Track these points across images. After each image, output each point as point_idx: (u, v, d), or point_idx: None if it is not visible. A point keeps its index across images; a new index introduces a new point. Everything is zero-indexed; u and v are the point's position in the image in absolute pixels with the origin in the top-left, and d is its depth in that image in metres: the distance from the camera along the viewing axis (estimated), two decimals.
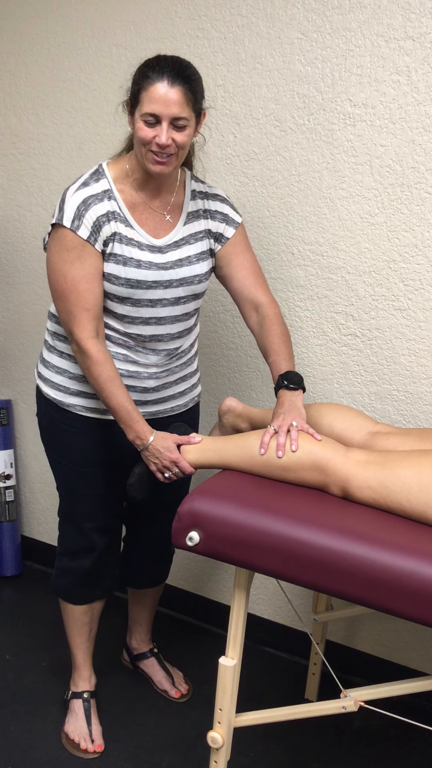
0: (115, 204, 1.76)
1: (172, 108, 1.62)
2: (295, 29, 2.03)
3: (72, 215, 1.71)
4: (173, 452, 1.79)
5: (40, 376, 1.96)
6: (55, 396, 1.91)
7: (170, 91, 1.61)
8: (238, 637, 1.70)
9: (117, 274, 1.76)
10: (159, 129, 1.64)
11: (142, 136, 1.66)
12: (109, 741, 2.11)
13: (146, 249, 1.78)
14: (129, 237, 1.76)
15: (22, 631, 2.57)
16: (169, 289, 1.81)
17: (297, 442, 1.67)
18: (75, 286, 1.73)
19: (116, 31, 2.29)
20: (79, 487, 1.97)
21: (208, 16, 2.14)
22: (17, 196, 2.62)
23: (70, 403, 1.90)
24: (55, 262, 1.76)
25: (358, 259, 2.10)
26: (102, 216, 1.73)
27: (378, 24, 1.93)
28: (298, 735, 2.16)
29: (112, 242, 1.75)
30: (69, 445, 1.95)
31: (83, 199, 1.72)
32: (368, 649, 2.37)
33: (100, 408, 1.90)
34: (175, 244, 1.82)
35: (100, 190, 1.75)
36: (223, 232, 1.89)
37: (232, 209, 1.91)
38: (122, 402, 1.77)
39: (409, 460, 1.60)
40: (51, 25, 2.39)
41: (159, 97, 1.61)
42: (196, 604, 2.67)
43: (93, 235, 1.72)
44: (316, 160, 2.09)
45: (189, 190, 1.87)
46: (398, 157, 1.98)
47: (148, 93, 1.62)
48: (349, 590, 1.50)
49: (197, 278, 1.85)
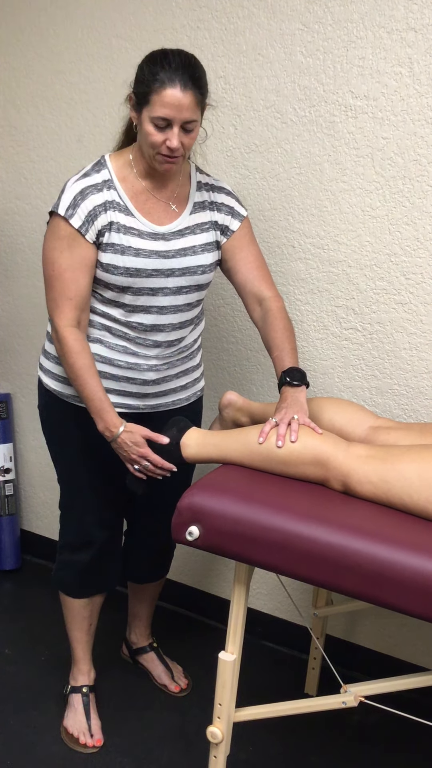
0: (115, 193, 1.75)
1: (184, 113, 1.63)
2: (296, 20, 2.02)
3: (67, 204, 1.72)
4: (141, 446, 1.78)
5: (41, 368, 1.96)
6: (55, 387, 1.91)
7: (183, 96, 1.61)
8: (237, 632, 1.69)
9: (115, 264, 1.75)
10: (170, 133, 1.64)
11: (153, 141, 1.66)
12: (109, 735, 2.11)
13: (147, 237, 1.77)
14: (128, 226, 1.76)
15: (21, 625, 2.57)
16: (171, 278, 1.81)
17: (297, 433, 1.66)
18: (61, 274, 1.75)
19: (116, 23, 2.27)
20: (79, 480, 1.97)
21: (208, 7, 2.13)
22: (16, 188, 2.61)
23: (70, 394, 1.89)
24: (46, 250, 1.78)
25: (359, 253, 2.09)
26: (99, 206, 1.73)
27: (380, 15, 1.92)
28: (298, 730, 2.15)
29: (108, 232, 1.74)
30: (69, 437, 1.94)
31: (81, 189, 1.73)
32: (368, 643, 2.37)
33: None
34: (179, 232, 1.82)
35: (100, 180, 1.75)
36: (229, 225, 1.89)
37: (237, 202, 1.91)
38: (94, 391, 1.77)
39: (410, 455, 1.60)
40: (50, 17, 2.37)
41: (171, 103, 1.61)
42: (195, 599, 2.66)
43: (85, 225, 1.72)
44: (318, 153, 2.08)
45: (195, 181, 1.87)
46: (400, 150, 1.97)
47: (160, 97, 1.61)
48: (349, 585, 1.49)
49: (201, 269, 1.84)
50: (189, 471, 2.12)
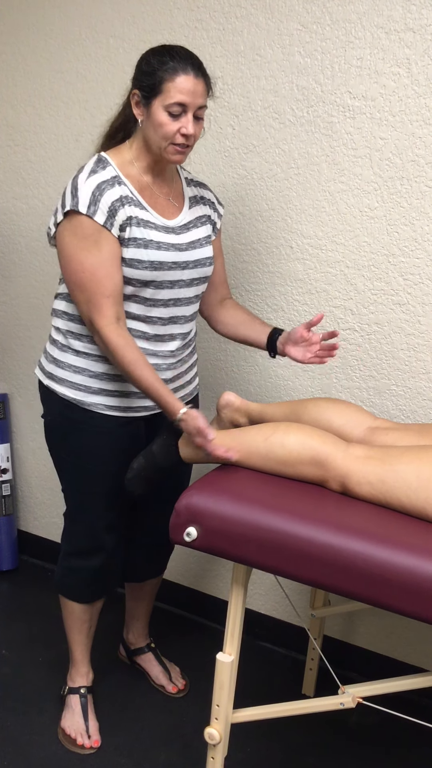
0: (126, 189, 1.74)
1: (198, 98, 1.66)
2: (294, 20, 2.02)
3: (88, 201, 1.69)
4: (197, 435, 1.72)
5: (51, 377, 1.90)
6: (74, 396, 1.87)
7: (197, 82, 1.65)
8: (235, 633, 1.69)
9: (140, 258, 1.74)
10: (185, 120, 1.67)
11: (167, 131, 1.67)
12: (106, 736, 2.11)
13: (162, 230, 1.78)
14: (145, 219, 1.75)
15: (19, 625, 2.56)
16: (186, 270, 1.82)
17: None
18: (93, 273, 1.71)
19: (114, 23, 2.27)
20: (91, 487, 1.94)
21: (206, 7, 2.12)
22: (14, 188, 2.60)
23: (91, 402, 1.86)
24: (71, 253, 1.72)
25: (357, 253, 2.09)
26: (116, 201, 1.71)
27: (378, 15, 1.91)
28: (295, 731, 2.15)
29: (129, 226, 1.73)
30: (84, 445, 1.91)
31: (97, 185, 1.70)
32: (365, 644, 2.37)
33: (122, 405, 1.88)
34: (185, 226, 1.83)
35: (108, 176, 1.73)
36: (216, 222, 1.94)
37: (215, 199, 1.96)
38: (150, 382, 1.74)
39: (408, 456, 1.59)
40: (48, 17, 2.37)
41: (187, 87, 1.64)
42: (193, 600, 2.66)
43: (109, 220, 1.70)
44: (315, 153, 2.07)
45: (183, 177, 1.90)
46: (398, 150, 1.97)
47: (174, 83, 1.64)
48: (347, 586, 1.49)
49: (208, 260, 1.88)
50: (186, 472, 2.12)
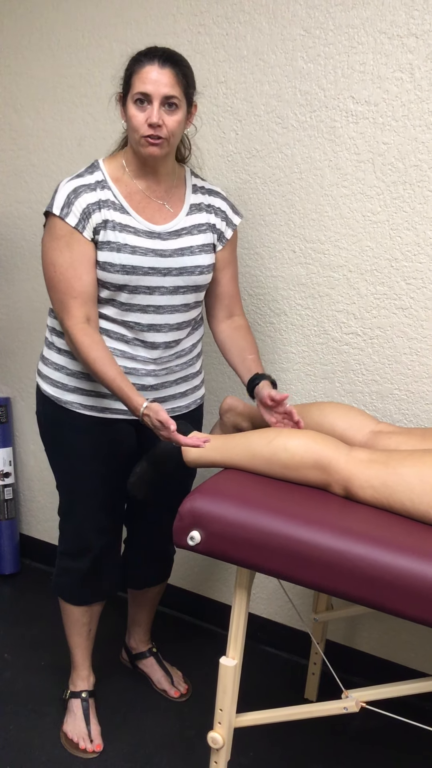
0: (109, 193, 1.77)
1: (162, 88, 1.66)
2: (297, 26, 2.02)
3: (61, 203, 1.73)
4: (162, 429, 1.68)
5: (39, 374, 1.96)
6: (53, 393, 1.90)
7: (161, 71, 1.66)
8: (239, 637, 1.69)
9: (111, 261, 1.76)
10: (150, 110, 1.67)
11: (135, 123, 1.69)
12: (108, 741, 2.10)
13: (143, 235, 1.78)
14: (123, 223, 1.77)
15: (21, 629, 2.56)
16: (168, 277, 1.81)
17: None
18: (63, 273, 1.74)
19: (117, 28, 2.28)
20: (78, 487, 1.96)
21: (209, 12, 2.13)
22: (17, 192, 2.61)
23: (67, 400, 1.89)
24: (45, 252, 1.78)
25: (359, 258, 2.09)
26: (92, 204, 1.74)
27: (381, 21, 1.92)
28: (298, 735, 2.15)
29: (103, 230, 1.75)
30: (68, 444, 1.93)
31: (74, 188, 1.75)
32: (368, 648, 2.37)
33: (98, 406, 1.89)
34: (175, 232, 1.82)
35: (92, 180, 1.77)
36: (224, 232, 1.90)
37: (231, 209, 1.93)
38: (112, 379, 1.73)
39: (411, 460, 1.60)
40: (51, 21, 2.38)
41: (150, 77, 1.66)
42: (195, 604, 2.66)
43: (81, 223, 1.73)
44: (318, 158, 2.08)
45: (190, 184, 1.89)
46: (401, 155, 1.97)
47: (139, 75, 1.67)
48: (350, 590, 1.49)
49: (199, 269, 1.85)
50: (190, 476, 2.11)
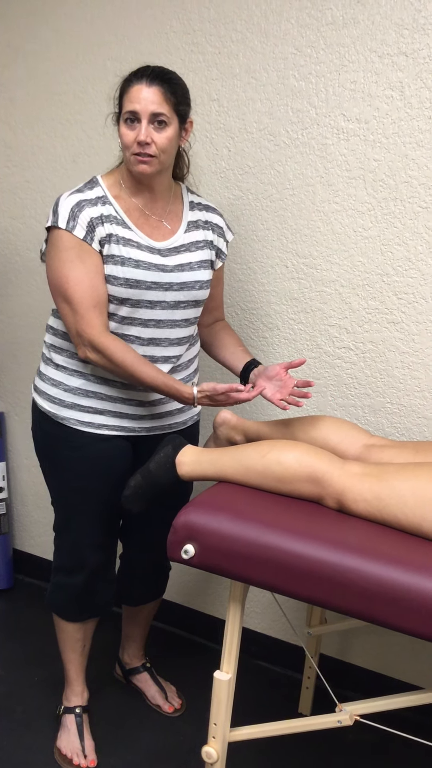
0: (111, 208, 1.78)
1: (149, 106, 1.68)
2: (289, 44, 2.05)
3: (67, 216, 1.74)
4: (215, 399, 1.77)
5: (36, 389, 1.96)
6: (49, 409, 1.91)
7: (148, 90, 1.68)
8: (233, 651, 1.69)
9: (115, 275, 1.77)
10: (139, 128, 1.70)
11: (126, 141, 1.72)
12: (102, 756, 2.10)
13: (145, 250, 1.80)
14: (126, 238, 1.78)
15: (14, 645, 2.55)
16: (169, 292, 1.83)
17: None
18: (78, 285, 1.73)
19: (111, 45, 2.30)
20: (72, 503, 1.96)
21: (202, 31, 2.16)
22: (11, 208, 2.62)
23: (64, 416, 1.89)
24: (55, 266, 1.76)
25: (351, 273, 2.11)
26: (95, 218, 1.75)
27: (371, 40, 1.95)
28: (292, 749, 2.14)
29: (108, 243, 1.76)
30: (63, 460, 1.93)
31: (76, 202, 1.75)
32: (361, 662, 2.37)
33: (95, 422, 1.89)
34: (175, 249, 1.84)
35: (93, 196, 1.78)
36: (222, 248, 1.94)
37: (226, 225, 1.96)
38: (154, 378, 1.77)
39: (404, 473, 1.60)
40: (45, 39, 2.40)
41: (138, 96, 1.68)
42: (189, 618, 2.65)
43: (89, 235, 1.74)
44: (310, 174, 2.10)
45: (187, 201, 1.91)
46: (391, 172, 2.00)
47: (128, 95, 1.70)
48: (344, 603, 1.49)
49: (198, 284, 1.87)
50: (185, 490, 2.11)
